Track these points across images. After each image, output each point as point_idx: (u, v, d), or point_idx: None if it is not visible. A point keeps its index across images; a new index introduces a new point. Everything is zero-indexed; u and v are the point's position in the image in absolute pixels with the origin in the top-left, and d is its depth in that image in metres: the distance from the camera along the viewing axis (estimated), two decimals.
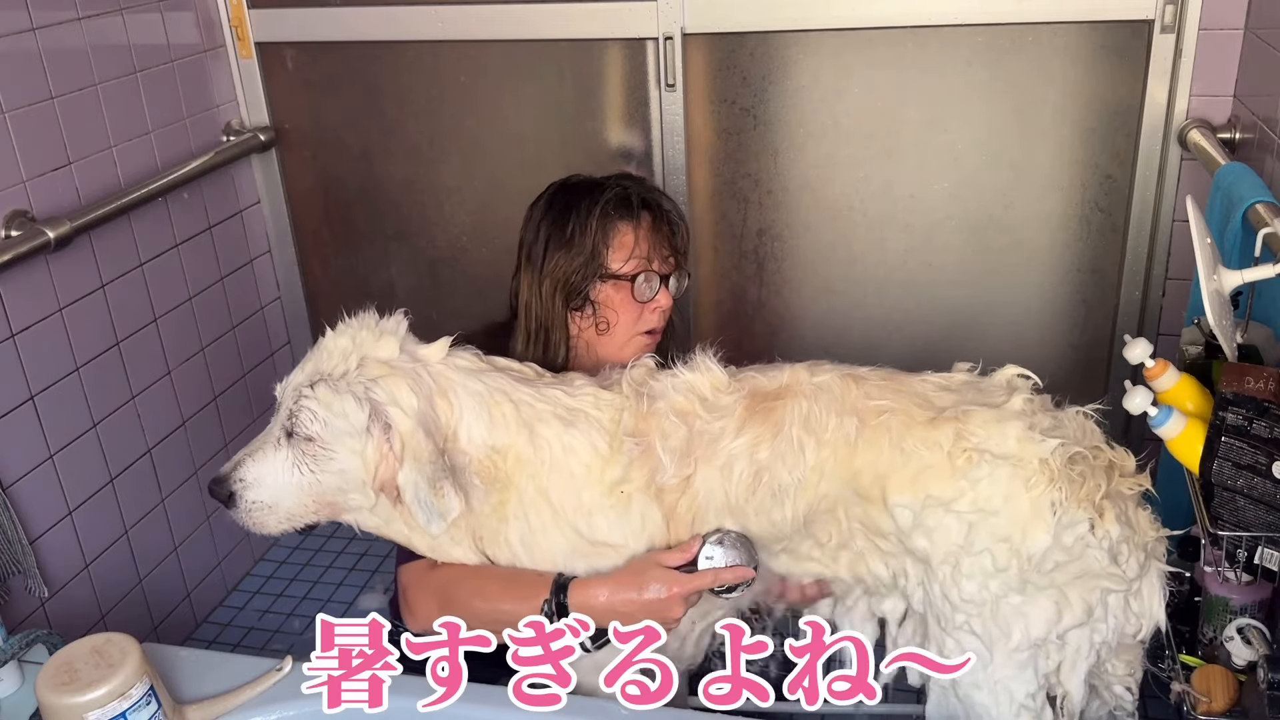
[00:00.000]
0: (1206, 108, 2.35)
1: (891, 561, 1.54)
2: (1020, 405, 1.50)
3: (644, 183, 1.88)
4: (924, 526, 1.47)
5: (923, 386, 1.56)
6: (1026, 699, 1.50)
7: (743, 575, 1.52)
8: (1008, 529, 1.43)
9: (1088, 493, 1.43)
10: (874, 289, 2.69)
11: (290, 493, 1.52)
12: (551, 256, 1.79)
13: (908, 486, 1.47)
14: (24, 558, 2.11)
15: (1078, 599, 1.45)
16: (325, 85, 2.79)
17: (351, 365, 1.51)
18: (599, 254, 1.77)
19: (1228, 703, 1.61)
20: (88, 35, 2.29)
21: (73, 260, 2.25)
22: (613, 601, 1.51)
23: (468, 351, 1.61)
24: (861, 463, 1.49)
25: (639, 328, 1.82)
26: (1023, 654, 1.47)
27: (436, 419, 1.51)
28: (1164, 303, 2.56)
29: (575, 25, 2.57)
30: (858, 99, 2.53)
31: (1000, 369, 1.60)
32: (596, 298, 1.79)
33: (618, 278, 1.78)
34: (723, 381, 1.59)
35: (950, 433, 1.47)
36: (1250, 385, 1.50)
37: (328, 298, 3.01)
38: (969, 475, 1.45)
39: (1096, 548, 1.44)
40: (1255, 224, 1.81)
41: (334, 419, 1.47)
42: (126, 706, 1.32)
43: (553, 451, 1.54)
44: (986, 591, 1.45)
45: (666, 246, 1.83)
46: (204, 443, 2.72)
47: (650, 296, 1.80)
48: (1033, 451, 1.44)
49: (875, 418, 1.50)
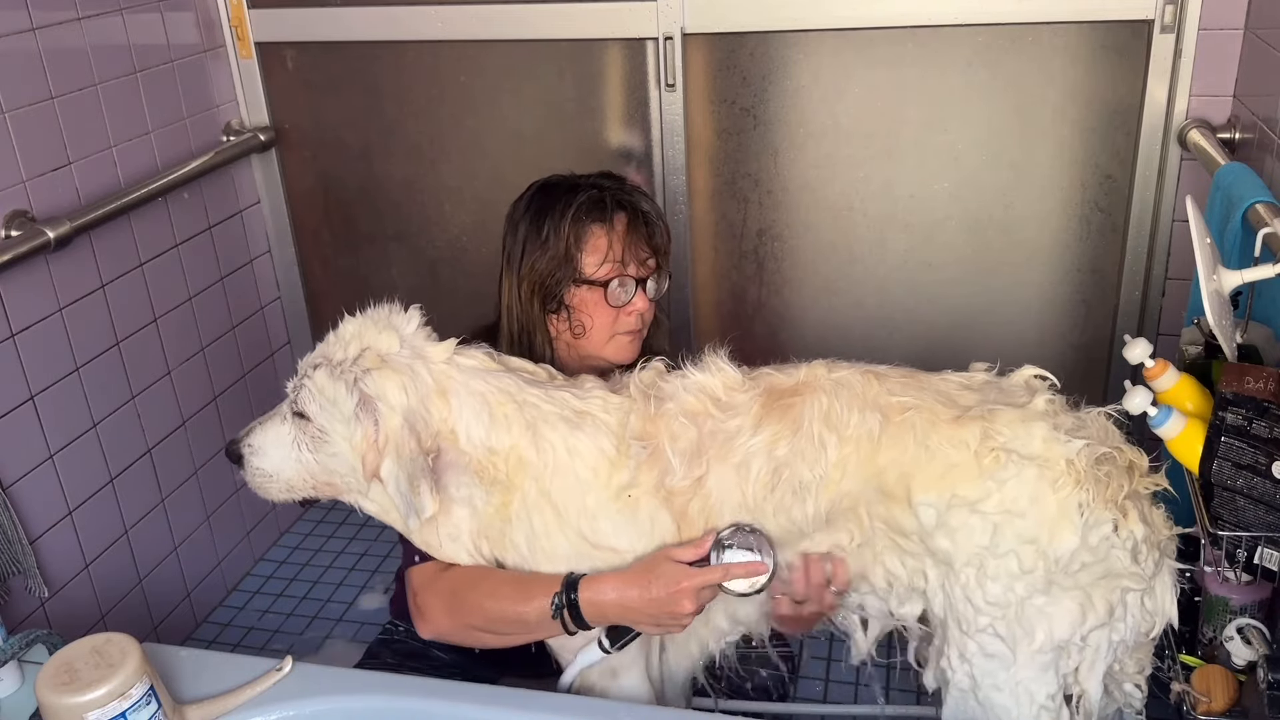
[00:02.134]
0: (1206, 108, 2.35)
1: (910, 562, 1.52)
2: (1044, 405, 1.49)
3: (623, 183, 1.86)
4: (947, 526, 1.45)
5: (944, 385, 1.55)
6: (1047, 700, 1.49)
7: (755, 570, 1.48)
8: (1034, 531, 1.42)
9: (1112, 493, 1.43)
10: (874, 289, 2.69)
11: (289, 465, 1.56)
12: (528, 259, 1.78)
13: (933, 485, 1.45)
14: (24, 558, 2.11)
15: (1100, 599, 1.45)
16: (325, 85, 2.79)
17: (351, 353, 1.52)
18: (572, 257, 1.76)
19: (1228, 703, 1.61)
20: (88, 35, 2.29)
21: (73, 260, 2.25)
22: (622, 597, 1.50)
23: (479, 350, 1.60)
24: (885, 460, 1.47)
25: (615, 330, 1.80)
26: (1046, 655, 1.47)
27: (428, 417, 1.50)
28: (1164, 303, 2.56)
29: (575, 25, 2.57)
30: (858, 99, 2.53)
31: (1018, 369, 1.59)
32: (571, 301, 1.78)
33: (591, 282, 1.77)
34: (736, 380, 1.57)
35: (977, 431, 1.45)
36: (1250, 385, 1.50)
37: (328, 298, 3.01)
38: (996, 476, 1.43)
39: (1120, 548, 1.43)
40: (1255, 224, 1.81)
41: (327, 403, 1.50)
42: (126, 706, 1.32)
43: (556, 454, 1.53)
44: (1012, 594, 1.44)
45: (645, 248, 1.80)
46: (204, 443, 2.72)
47: (625, 301, 1.78)
48: (1059, 452, 1.43)
49: (899, 414, 1.48)
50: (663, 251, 1.84)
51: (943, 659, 1.53)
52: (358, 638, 2.65)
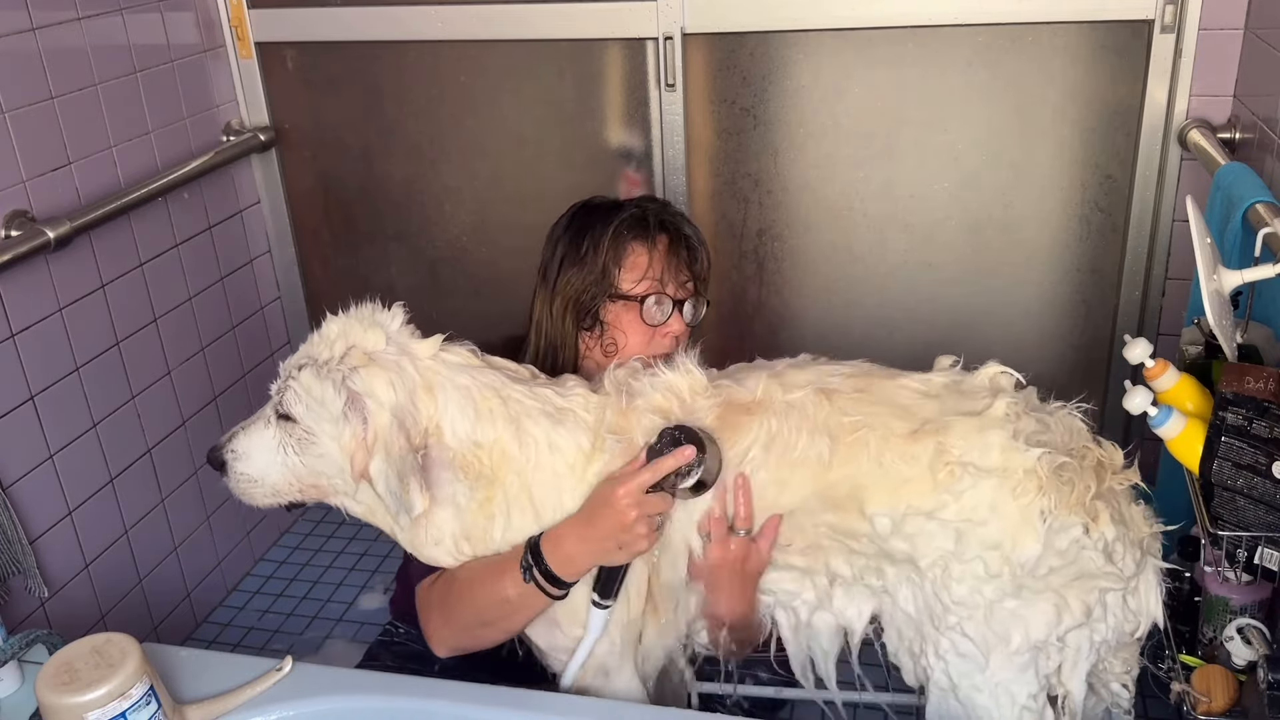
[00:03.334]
0: (1206, 108, 2.35)
1: (857, 561, 1.52)
2: (1003, 410, 1.48)
3: (668, 206, 1.86)
4: (903, 532, 1.46)
5: (901, 394, 1.53)
6: (1028, 700, 1.49)
7: (685, 457, 1.44)
8: (997, 537, 1.43)
9: (1078, 497, 1.42)
10: (874, 289, 2.69)
11: (275, 469, 1.55)
12: (564, 274, 1.78)
13: (886, 499, 1.46)
14: (24, 558, 2.11)
15: (1076, 601, 1.45)
16: (325, 85, 2.79)
17: (337, 352, 1.52)
18: (610, 273, 1.75)
19: (1228, 703, 1.61)
20: (88, 35, 2.30)
21: (73, 260, 2.25)
22: (579, 534, 1.50)
23: (462, 347, 1.60)
24: (836, 476, 1.48)
25: (649, 352, 1.76)
26: (1023, 656, 1.47)
27: (416, 414, 1.50)
28: (1164, 303, 2.56)
29: (575, 25, 2.57)
30: (858, 99, 2.53)
31: (983, 366, 1.57)
32: (606, 318, 1.77)
33: (627, 298, 1.76)
34: (701, 385, 1.57)
35: (930, 447, 1.45)
36: (1250, 385, 1.50)
37: (328, 298, 2.98)
38: (952, 489, 1.44)
39: (1092, 549, 1.43)
40: (1255, 224, 1.81)
41: (314, 403, 1.49)
42: (126, 706, 1.32)
43: (539, 448, 1.54)
44: (979, 596, 1.45)
45: (685, 272, 1.80)
46: (204, 443, 2.71)
47: (661, 320, 1.77)
48: (1018, 462, 1.43)
49: (850, 434, 1.49)
50: (702, 278, 1.83)
51: (921, 657, 1.54)
52: (358, 638, 2.65)
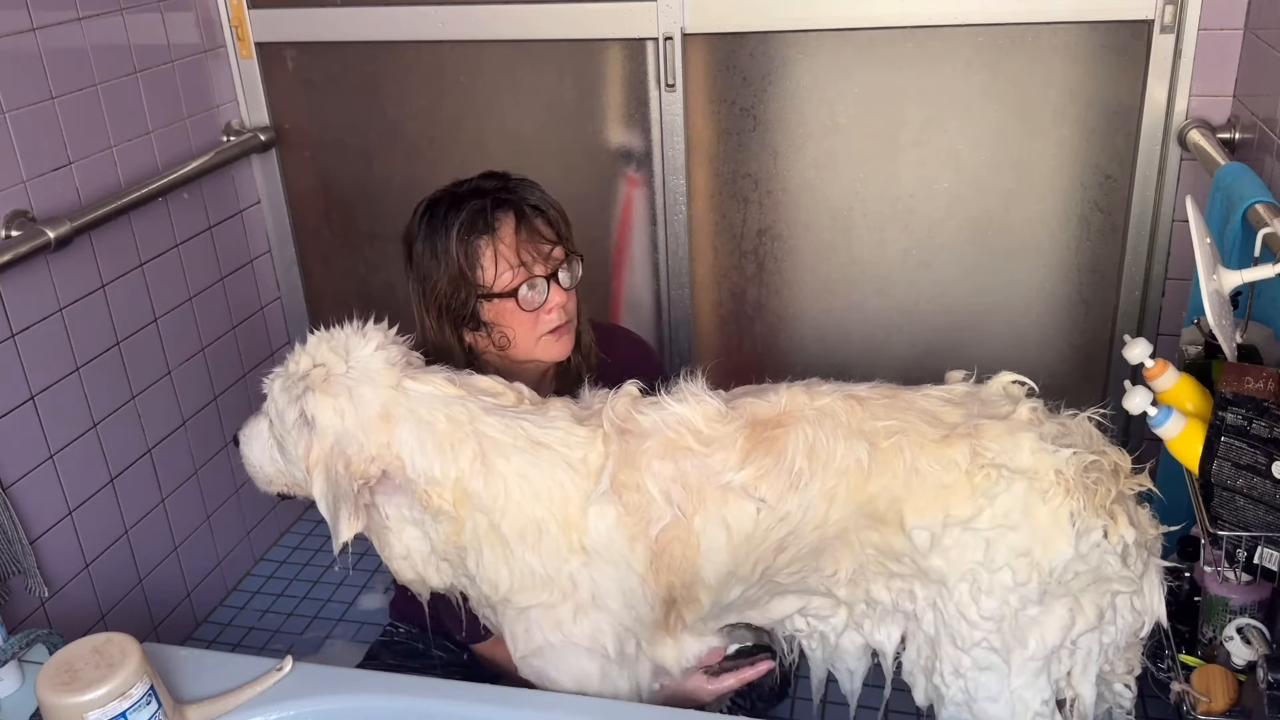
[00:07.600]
0: (1206, 108, 2.35)
1: (895, 584, 1.51)
2: (1028, 415, 1.49)
3: (506, 180, 1.81)
4: (941, 546, 1.45)
5: (926, 402, 1.52)
6: (1041, 706, 1.49)
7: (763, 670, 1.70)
8: (1027, 543, 1.42)
9: (1101, 499, 1.43)
10: (874, 289, 2.69)
11: (265, 461, 1.63)
12: (428, 284, 1.77)
13: (926, 509, 1.44)
14: (24, 558, 2.11)
15: (1090, 604, 1.45)
16: (325, 85, 2.79)
17: (303, 368, 1.52)
18: (469, 277, 1.73)
19: (1228, 703, 1.62)
20: (88, 35, 2.29)
21: (73, 260, 2.25)
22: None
23: (439, 374, 1.54)
24: (876, 487, 1.45)
25: (539, 331, 1.77)
26: (1037, 662, 1.47)
27: (364, 442, 1.47)
28: (1164, 303, 2.56)
29: (575, 25, 2.57)
30: (858, 99, 2.53)
31: (995, 376, 1.57)
32: (486, 317, 1.76)
33: (499, 295, 1.74)
34: (716, 412, 1.50)
35: (966, 450, 1.44)
36: (1250, 385, 1.50)
37: (328, 298, 3.01)
38: (988, 492, 1.43)
39: (1111, 553, 1.43)
40: (1255, 224, 1.81)
41: (278, 413, 1.55)
42: (126, 706, 1.32)
43: (507, 487, 1.48)
44: (1007, 607, 1.44)
45: (543, 242, 1.76)
46: (204, 443, 2.72)
47: (541, 301, 1.75)
48: (1048, 463, 1.43)
49: (886, 439, 1.46)
50: (565, 237, 1.79)
51: (935, 675, 1.53)
52: (358, 638, 2.65)
